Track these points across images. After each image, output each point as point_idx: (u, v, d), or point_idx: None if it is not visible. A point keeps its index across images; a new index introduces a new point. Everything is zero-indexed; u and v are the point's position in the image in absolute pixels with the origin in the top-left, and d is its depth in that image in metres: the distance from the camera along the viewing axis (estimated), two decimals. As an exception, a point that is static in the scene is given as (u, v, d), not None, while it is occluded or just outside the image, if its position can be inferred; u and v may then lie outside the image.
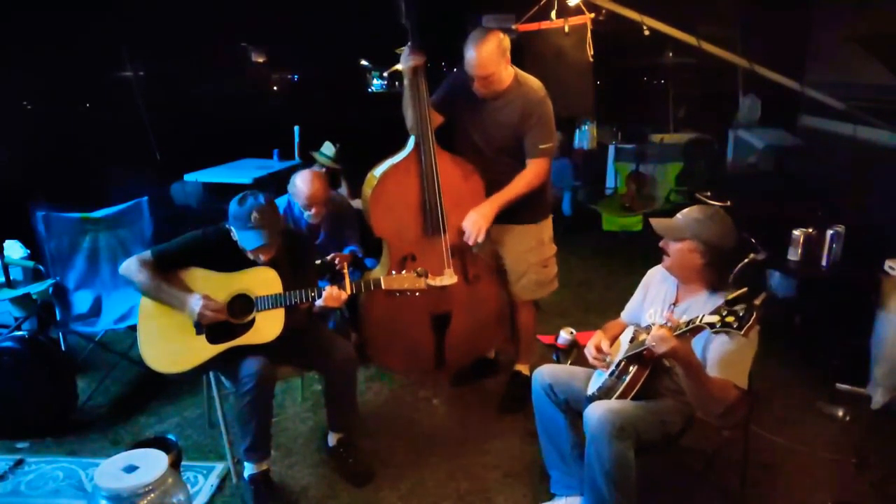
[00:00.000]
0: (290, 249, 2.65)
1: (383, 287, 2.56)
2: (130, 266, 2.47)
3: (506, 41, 2.82)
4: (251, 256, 2.52)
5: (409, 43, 2.83)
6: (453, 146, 3.07)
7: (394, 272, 2.60)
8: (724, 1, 5.85)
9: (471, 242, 2.88)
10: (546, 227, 3.16)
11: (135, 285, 2.48)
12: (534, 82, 2.94)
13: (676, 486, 2.53)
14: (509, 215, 3.03)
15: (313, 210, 3.19)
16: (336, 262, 3.24)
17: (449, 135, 3.08)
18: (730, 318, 1.84)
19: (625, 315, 2.56)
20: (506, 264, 3.17)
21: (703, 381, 2.02)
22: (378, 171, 2.99)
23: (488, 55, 2.75)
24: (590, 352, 2.36)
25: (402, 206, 2.95)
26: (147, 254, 2.51)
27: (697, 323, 1.93)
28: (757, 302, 1.84)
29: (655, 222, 2.29)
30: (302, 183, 3.15)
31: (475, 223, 2.85)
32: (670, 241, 2.24)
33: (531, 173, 2.92)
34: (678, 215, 2.26)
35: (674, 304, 2.31)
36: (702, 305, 2.17)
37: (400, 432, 3.06)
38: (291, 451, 2.92)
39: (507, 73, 2.87)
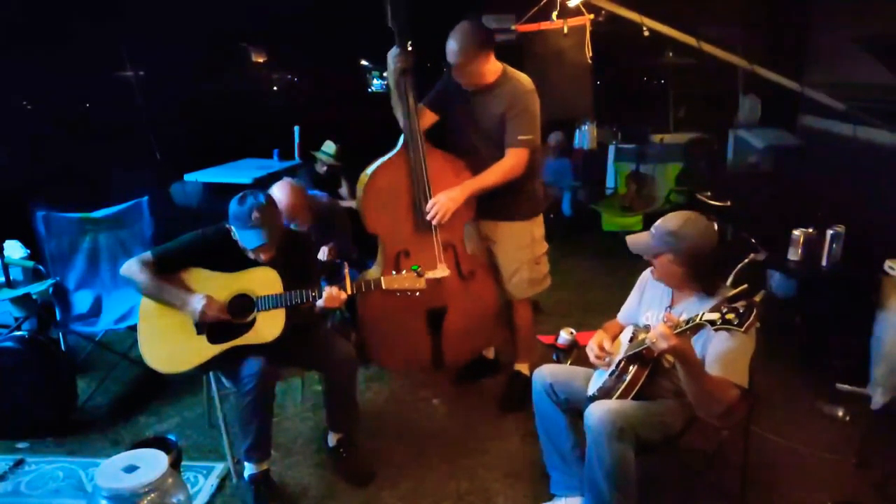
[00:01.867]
0: (291, 249, 2.65)
1: (383, 287, 2.56)
2: (131, 267, 2.48)
3: (486, 33, 2.88)
4: (252, 256, 2.52)
5: (395, 44, 2.86)
6: (449, 145, 3.08)
7: (394, 272, 2.60)
8: (724, 1, 5.85)
9: (433, 221, 2.90)
10: (537, 224, 3.17)
11: (136, 286, 2.48)
12: (522, 77, 2.98)
13: (676, 486, 2.54)
14: (501, 212, 3.05)
15: (297, 221, 3.19)
16: (326, 257, 3.26)
17: (443, 134, 3.09)
18: (730, 316, 1.84)
19: (621, 317, 2.56)
20: (498, 262, 3.17)
21: (703, 379, 2.02)
22: (369, 169, 3.02)
23: (464, 44, 2.81)
24: (592, 349, 2.36)
25: (392, 202, 2.97)
26: (148, 255, 2.51)
27: (698, 320, 1.93)
28: (757, 299, 1.84)
29: (630, 242, 2.27)
30: (278, 195, 3.14)
31: (441, 204, 2.87)
32: (650, 256, 2.24)
33: (508, 163, 2.93)
34: (651, 229, 2.24)
35: (669, 306, 2.31)
36: (697, 308, 2.16)
37: (400, 432, 3.06)
38: (291, 451, 2.92)
39: (490, 67, 2.91)
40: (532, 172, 3.04)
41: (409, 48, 2.87)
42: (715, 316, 1.88)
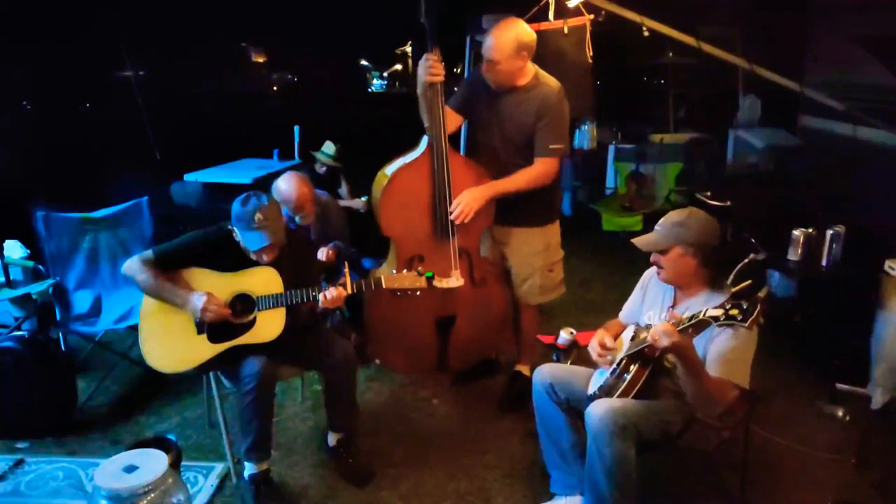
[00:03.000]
0: (293, 249, 2.65)
1: (384, 286, 2.56)
2: (132, 265, 2.48)
3: (527, 37, 2.83)
4: (254, 257, 2.52)
5: (427, 49, 2.82)
6: (470, 148, 3.06)
7: (394, 271, 2.59)
8: (724, 1, 5.85)
9: (457, 221, 2.87)
10: (553, 232, 3.15)
11: (137, 284, 2.48)
12: (552, 82, 2.94)
13: (676, 486, 2.53)
14: (515, 217, 3.03)
15: (303, 213, 3.18)
16: (325, 258, 3.26)
17: (466, 136, 3.07)
18: (734, 312, 1.84)
19: (623, 317, 2.55)
20: (511, 266, 3.16)
21: (703, 379, 2.02)
22: (389, 169, 2.98)
23: (502, 44, 2.78)
24: (594, 348, 2.35)
25: (412, 206, 2.94)
26: (149, 253, 2.51)
27: (701, 317, 1.93)
28: (761, 295, 1.85)
29: (638, 241, 2.28)
30: (287, 187, 3.14)
31: (466, 203, 2.84)
32: (658, 253, 2.24)
33: (536, 170, 2.91)
34: (656, 226, 2.26)
35: (672, 306, 2.31)
36: (701, 305, 2.16)
37: (400, 432, 3.06)
38: (291, 451, 2.92)
39: (524, 70, 2.89)
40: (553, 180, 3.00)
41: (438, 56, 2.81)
42: (719, 312, 1.88)
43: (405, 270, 2.59)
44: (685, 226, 2.18)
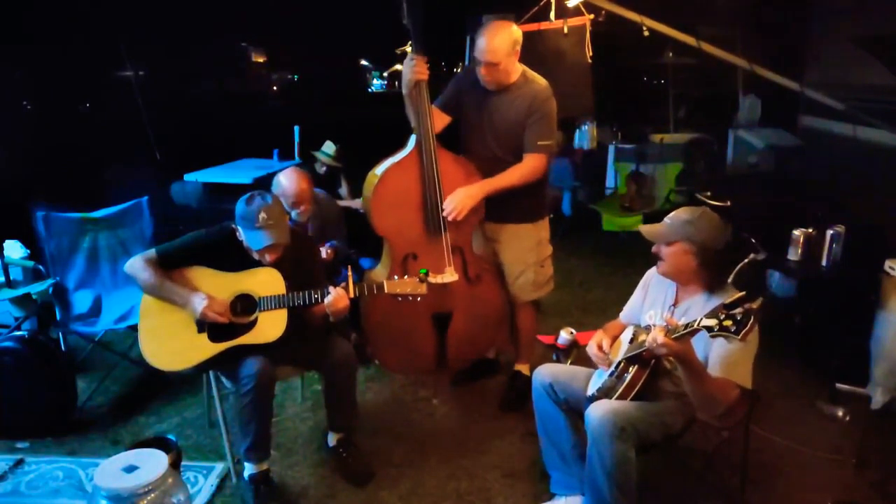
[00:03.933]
0: (296, 251, 2.64)
1: (385, 291, 2.55)
2: (135, 264, 2.48)
3: (517, 34, 2.87)
4: (257, 257, 2.51)
5: (411, 50, 2.84)
6: (460, 147, 3.07)
7: (395, 276, 2.59)
8: (724, 1, 5.86)
9: (449, 218, 2.89)
10: (543, 227, 3.17)
11: (138, 283, 2.48)
12: (541, 80, 2.97)
13: (676, 486, 2.53)
14: (507, 214, 3.04)
15: (301, 208, 3.19)
16: (324, 256, 3.26)
17: (455, 136, 3.08)
18: (727, 322, 1.83)
19: (623, 316, 2.55)
20: (503, 263, 3.17)
21: (704, 380, 2.02)
22: (379, 169, 2.99)
23: (499, 45, 2.80)
24: (592, 350, 2.36)
25: (403, 204, 2.95)
26: (151, 252, 2.51)
27: (695, 326, 1.93)
28: (755, 306, 1.83)
29: (644, 229, 2.29)
30: (287, 181, 3.15)
31: (459, 200, 2.87)
32: (662, 245, 2.24)
33: (526, 167, 2.93)
34: (666, 219, 2.26)
35: (673, 305, 2.30)
36: (701, 306, 2.17)
37: (400, 432, 3.06)
38: (291, 451, 2.92)
39: (516, 68, 2.92)
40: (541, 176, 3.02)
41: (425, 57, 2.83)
42: (712, 322, 1.86)
43: (406, 276, 2.58)
44: (694, 224, 2.18)
